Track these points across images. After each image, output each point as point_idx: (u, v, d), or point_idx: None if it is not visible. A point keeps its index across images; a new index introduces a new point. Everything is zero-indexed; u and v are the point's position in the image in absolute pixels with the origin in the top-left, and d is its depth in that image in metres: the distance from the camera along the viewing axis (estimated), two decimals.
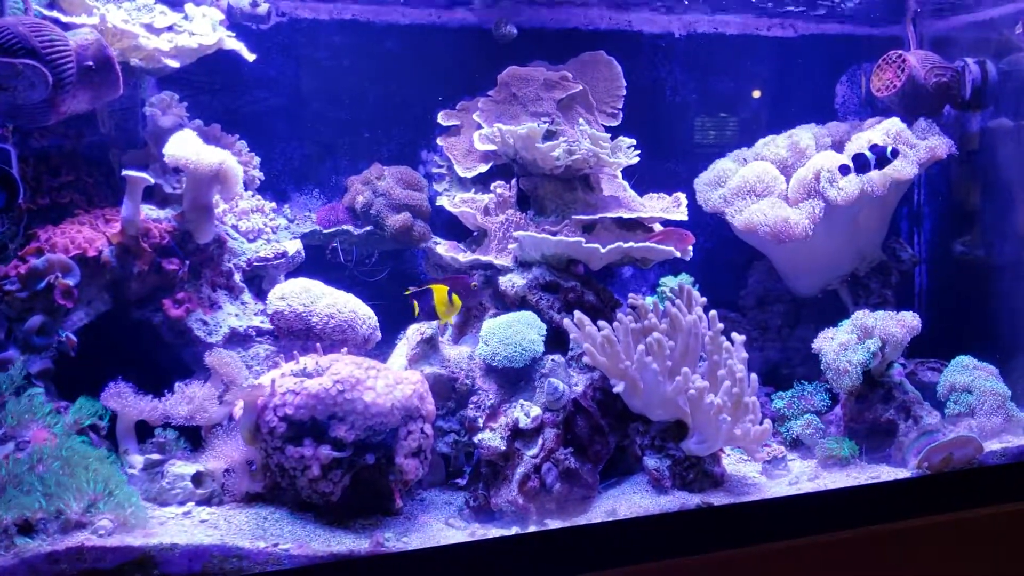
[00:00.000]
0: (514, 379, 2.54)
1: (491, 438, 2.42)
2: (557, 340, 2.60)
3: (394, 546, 2.08)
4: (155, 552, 1.87)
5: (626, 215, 2.82)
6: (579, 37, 3.30)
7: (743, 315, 3.39)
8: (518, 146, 2.78)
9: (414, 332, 2.60)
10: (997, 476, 2.56)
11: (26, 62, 2.09)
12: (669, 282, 3.07)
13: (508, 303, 2.70)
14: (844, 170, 2.88)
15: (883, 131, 3.13)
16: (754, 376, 2.49)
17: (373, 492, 2.24)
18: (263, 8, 2.81)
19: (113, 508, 1.93)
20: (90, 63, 2.23)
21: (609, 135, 2.87)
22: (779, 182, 3.12)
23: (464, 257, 2.81)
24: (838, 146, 3.26)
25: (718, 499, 2.35)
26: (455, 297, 2.44)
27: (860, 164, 2.85)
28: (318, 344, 2.41)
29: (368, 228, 2.93)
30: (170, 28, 2.57)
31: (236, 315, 2.59)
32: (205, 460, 2.24)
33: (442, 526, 2.29)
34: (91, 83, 2.26)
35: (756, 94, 3.56)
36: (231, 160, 2.50)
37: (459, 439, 2.53)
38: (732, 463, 2.65)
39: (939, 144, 3.13)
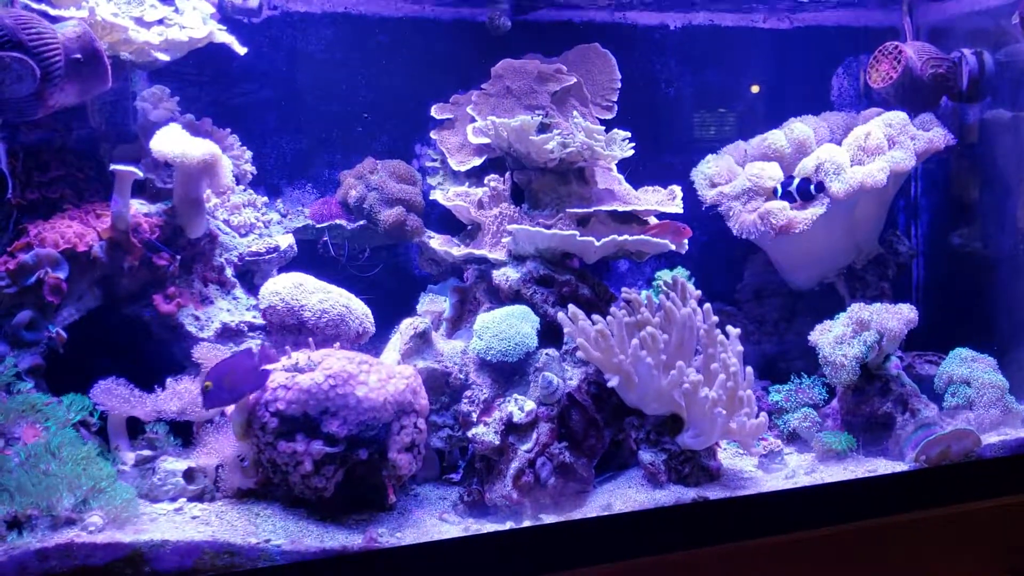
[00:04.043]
0: (508, 373, 2.52)
1: (485, 433, 2.41)
2: (551, 334, 2.58)
3: (388, 541, 2.06)
4: (146, 549, 1.86)
5: (621, 208, 2.81)
6: (574, 29, 3.28)
7: (739, 309, 3.38)
8: (512, 139, 2.77)
9: (407, 326, 2.58)
10: (995, 469, 2.55)
11: (13, 55, 2.07)
12: (665, 276, 3.05)
13: (502, 297, 2.68)
14: (787, 197, 3.03)
15: (882, 123, 3.12)
16: (750, 369, 2.48)
17: (366, 487, 2.22)
18: (254, 1, 2.79)
19: (103, 504, 1.92)
20: (78, 56, 2.21)
21: (604, 128, 2.85)
22: (776, 178, 3.10)
23: (458, 251, 2.80)
24: (836, 141, 3.25)
25: (714, 493, 2.34)
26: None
27: (801, 192, 3.00)
28: (310, 339, 2.39)
29: (361, 223, 2.91)
30: (160, 21, 2.55)
31: (228, 310, 2.57)
32: (197, 456, 2.22)
33: (436, 521, 2.27)
34: (79, 76, 2.24)
35: (753, 87, 3.55)
36: (219, 153, 2.48)
37: (453, 434, 2.51)
38: (728, 457, 2.64)
39: (937, 136, 3.12)
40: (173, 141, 2.42)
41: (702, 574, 2.20)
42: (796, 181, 3.00)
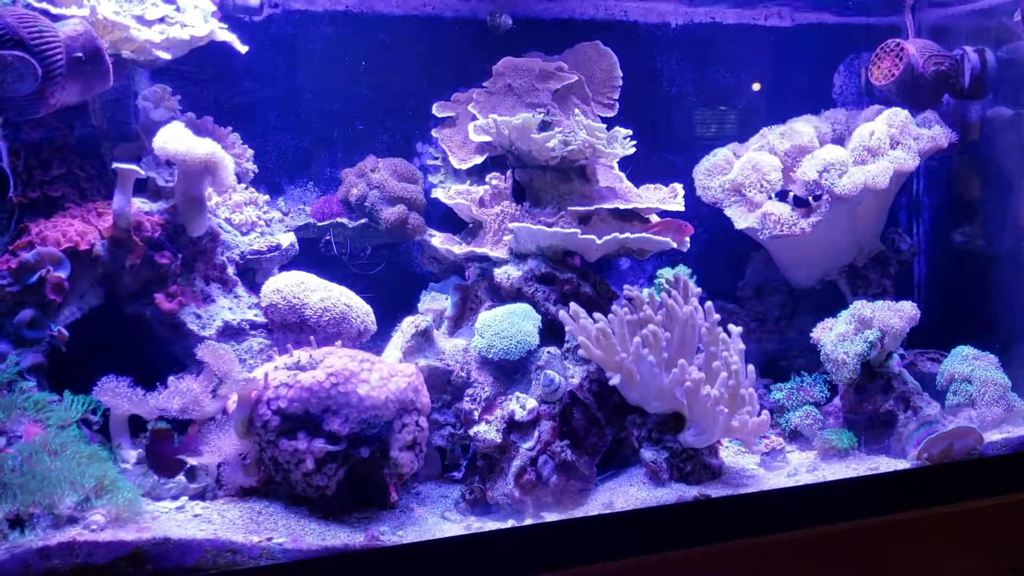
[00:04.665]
0: (510, 371, 2.52)
1: (487, 431, 2.41)
2: (553, 332, 2.58)
3: (389, 540, 2.06)
4: (148, 547, 1.85)
5: (622, 206, 2.80)
6: (575, 27, 3.27)
7: (741, 306, 3.38)
8: (513, 137, 2.76)
9: (409, 325, 2.58)
10: (997, 467, 2.55)
11: (15, 53, 2.07)
12: (666, 273, 3.05)
13: (504, 295, 2.68)
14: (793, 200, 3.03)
15: (884, 122, 3.11)
16: (751, 367, 2.48)
17: (368, 486, 2.22)
18: None
19: (106, 503, 1.92)
20: (80, 54, 2.21)
21: (605, 126, 2.85)
22: (777, 177, 3.10)
23: (459, 249, 2.80)
24: (839, 138, 3.24)
25: (716, 491, 2.34)
26: None
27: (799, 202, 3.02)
28: (312, 337, 2.40)
29: (363, 221, 2.91)
30: (162, 20, 2.55)
31: (229, 308, 2.57)
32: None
33: (438, 519, 2.27)
34: (81, 75, 2.24)
35: (755, 85, 3.54)
36: (221, 152, 2.48)
37: (455, 432, 2.51)
38: (730, 455, 2.64)
39: (940, 134, 3.11)
40: (176, 139, 2.41)
41: (704, 572, 2.20)
42: (792, 192, 3.00)
